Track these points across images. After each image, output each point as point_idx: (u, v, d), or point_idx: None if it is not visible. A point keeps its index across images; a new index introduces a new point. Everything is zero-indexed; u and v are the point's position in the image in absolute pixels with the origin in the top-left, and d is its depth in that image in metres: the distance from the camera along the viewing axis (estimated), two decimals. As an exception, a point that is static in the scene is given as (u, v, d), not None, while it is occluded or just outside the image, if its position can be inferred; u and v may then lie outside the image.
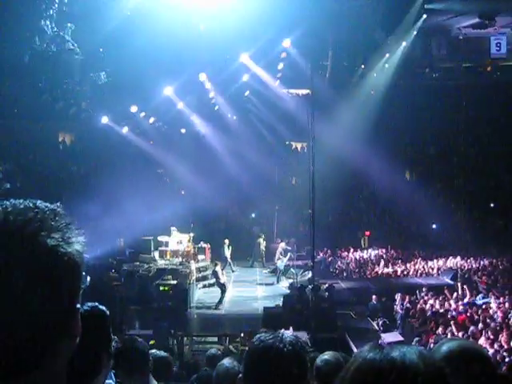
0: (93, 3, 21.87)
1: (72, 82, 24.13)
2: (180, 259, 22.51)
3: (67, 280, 1.09)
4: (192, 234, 24.96)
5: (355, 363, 1.14)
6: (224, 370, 4.00)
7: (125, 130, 31.45)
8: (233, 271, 24.99)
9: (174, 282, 19.64)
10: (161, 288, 19.37)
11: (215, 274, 20.47)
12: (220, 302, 19.87)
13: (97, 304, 2.48)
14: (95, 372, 2.38)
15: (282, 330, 2.16)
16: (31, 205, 1.10)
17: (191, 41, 25.86)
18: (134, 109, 30.02)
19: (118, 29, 22.79)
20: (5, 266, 1.03)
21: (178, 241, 23.46)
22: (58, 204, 1.16)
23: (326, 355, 3.84)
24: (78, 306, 1.14)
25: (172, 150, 33.24)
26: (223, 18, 24.44)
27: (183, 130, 35.54)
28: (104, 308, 2.52)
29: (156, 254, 23.09)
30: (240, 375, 2.08)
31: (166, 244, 23.40)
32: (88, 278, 1.18)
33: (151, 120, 32.66)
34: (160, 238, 23.74)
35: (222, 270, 21.03)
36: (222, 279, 20.24)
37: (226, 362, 4.14)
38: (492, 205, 30.93)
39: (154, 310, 18.38)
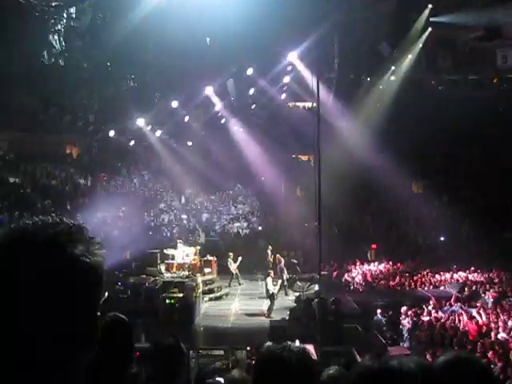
0: (100, 18, 22.08)
1: (79, 95, 24.30)
2: (186, 272, 22.47)
3: (90, 288, 1.20)
4: (198, 247, 24.95)
5: (356, 372, 1.16)
6: (233, 381, 4.00)
7: (131, 142, 31.63)
8: (239, 284, 24.94)
9: (181, 295, 19.59)
10: (167, 301, 19.33)
11: (266, 284, 20.82)
12: (269, 309, 20.11)
13: (117, 313, 2.57)
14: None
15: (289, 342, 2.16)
16: (58, 220, 1.23)
17: (197, 54, 26.05)
18: (140, 122, 30.19)
19: (124, 43, 22.99)
20: (34, 275, 1.14)
21: (184, 254, 23.43)
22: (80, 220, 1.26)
23: (331, 370, 3.83)
24: (98, 314, 1.24)
25: (179, 162, 33.40)
26: (229, 31, 24.61)
27: (190, 143, 35.68)
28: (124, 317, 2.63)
29: (162, 267, 23.05)
30: None
31: (173, 257, 23.36)
32: (106, 294, 1.26)
33: (158, 133, 32.78)
34: (166, 251, 23.72)
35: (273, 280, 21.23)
36: (271, 289, 20.48)
37: (235, 373, 4.14)
38: (499, 217, 30.73)
39: (161, 323, 18.34)
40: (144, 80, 26.90)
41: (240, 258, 24.96)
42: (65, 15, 21.74)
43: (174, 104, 29.58)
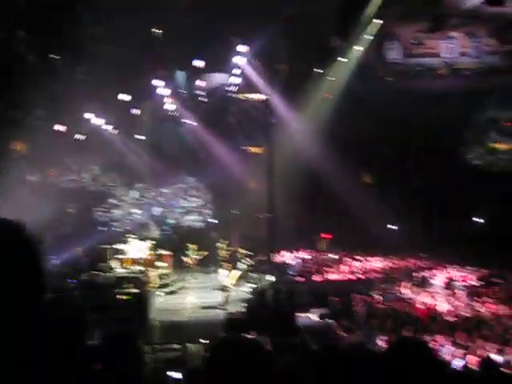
0: (45, 7, 21.51)
1: (26, 89, 23.66)
2: (140, 267, 22.31)
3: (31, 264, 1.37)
4: (152, 242, 24.78)
5: (310, 362, 1.19)
6: (189, 373, 4.01)
7: (81, 137, 31.11)
8: (194, 278, 24.88)
9: (135, 290, 19.45)
10: (121, 296, 19.15)
11: (219, 276, 21.12)
12: (224, 302, 20.22)
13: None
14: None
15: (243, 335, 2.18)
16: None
17: (146, 45, 25.76)
18: (90, 116, 29.71)
19: (73, 35, 22.52)
20: None
21: (137, 248, 23.25)
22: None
23: (285, 360, 3.88)
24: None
25: (129, 156, 33.01)
26: (178, 21, 24.42)
27: (140, 137, 35.25)
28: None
29: (114, 263, 22.81)
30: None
31: (124, 252, 23.16)
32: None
33: (108, 127, 32.26)
34: (117, 247, 23.48)
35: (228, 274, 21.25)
36: (224, 281, 20.65)
37: (191, 365, 4.15)
38: (447, 206, 31.54)
39: (115, 319, 18.13)
40: (94, 73, 26.37)
41: (206, 253, 24.93)
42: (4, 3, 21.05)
43: (124, 97, 29.19)
